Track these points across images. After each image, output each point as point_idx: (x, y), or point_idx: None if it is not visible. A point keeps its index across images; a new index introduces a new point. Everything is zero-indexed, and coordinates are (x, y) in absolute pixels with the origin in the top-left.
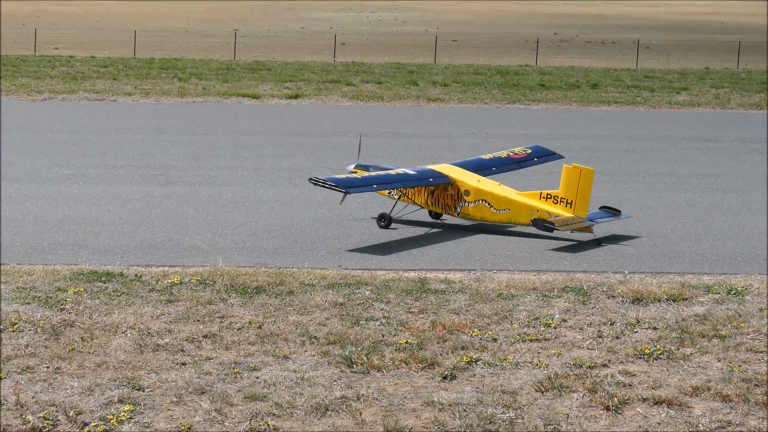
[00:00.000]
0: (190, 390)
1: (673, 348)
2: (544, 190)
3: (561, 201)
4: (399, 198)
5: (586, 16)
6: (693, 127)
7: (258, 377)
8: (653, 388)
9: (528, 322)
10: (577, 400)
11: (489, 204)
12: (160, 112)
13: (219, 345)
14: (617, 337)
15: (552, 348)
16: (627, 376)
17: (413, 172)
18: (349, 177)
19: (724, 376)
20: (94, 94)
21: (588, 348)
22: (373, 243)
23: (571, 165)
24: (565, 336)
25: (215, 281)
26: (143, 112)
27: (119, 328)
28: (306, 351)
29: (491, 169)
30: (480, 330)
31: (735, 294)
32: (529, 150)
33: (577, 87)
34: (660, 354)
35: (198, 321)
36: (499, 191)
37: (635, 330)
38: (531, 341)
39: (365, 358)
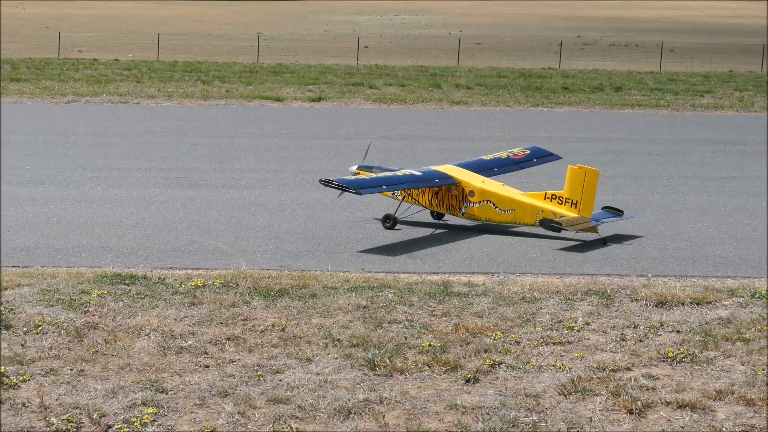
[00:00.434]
0: (213, 392)
1: (697, 351)
2: (548, 190)
3: (566, 201)
4: (403, 199)
5: (609, 18)
6: (716, 130)
7: (281, 380)
8: (677, 391)
9: (551, 325)
10: (601, 403)
11: (494, 204)
12: (183, 114)
13: (242, 347)
14: (641, 341)
15: (575, 351)
16: (650, 379)
17: (419, 173)
18: (359, 178)
19: (747, 379)
20: (117, 96)
21: (611, 351)
22: (397, 246)
23: (576, 166)
24: (589, 339)
25: (238, 284)
26: (166, 114)
27: (143, 330)
28: (329, 354)
29: (493, 170)
30: (503, 333)
31: (759, 297)
32: (528, 151)
33: (601, 90)
34: (683, 357)
35: (221, 323)
36: (504, 192)
37: (659, 333)
38: (554, 344)
39: (388, 360)
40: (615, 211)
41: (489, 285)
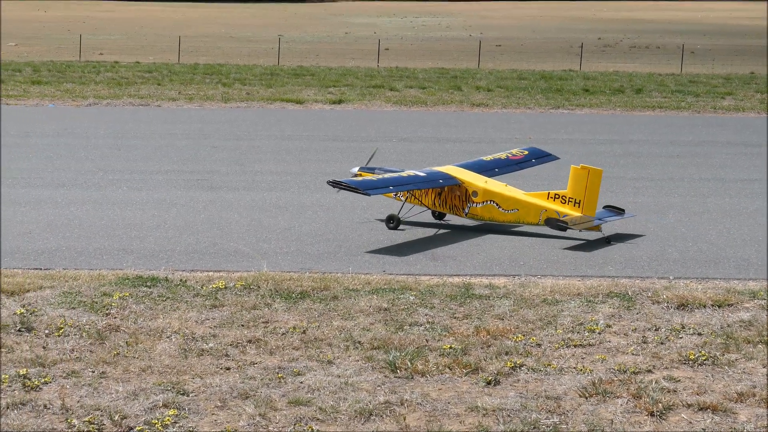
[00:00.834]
0: (234, 395)
1: (718, 354)
2: (551, 190)
3: (569, 201)
4: (406, 199)
5: (630, 20)
6: (738, 132)
7: (302, 382)
8: (698, 394)
9: (572, 327)
10: (622, 405)
11: (497, 204)
12: (204, 117)
13: (263, 350)
14: (662, 343)
15: (596, 353)
16: (672, 382)
17: (423, 173)
18: (367, 179)
19: None
20: (138, 99)
21: (632, 354)
22: (418, 248)
23: (579, 165)
24: (610, 341)
25: (260, 286)
26: (187, 117)
27: (164, 332)
28: (350, 356)
29: (494, 170)
30: (524, 335)
31: None
32: (526, 151)
33: (622, 92)
34: (705, 360)
35: (242, 326)
36: (507, 192)
37: (680, 336)
38: (575, 347)
39: (409, 363)
40: (616, 210)
41: (510, 287)
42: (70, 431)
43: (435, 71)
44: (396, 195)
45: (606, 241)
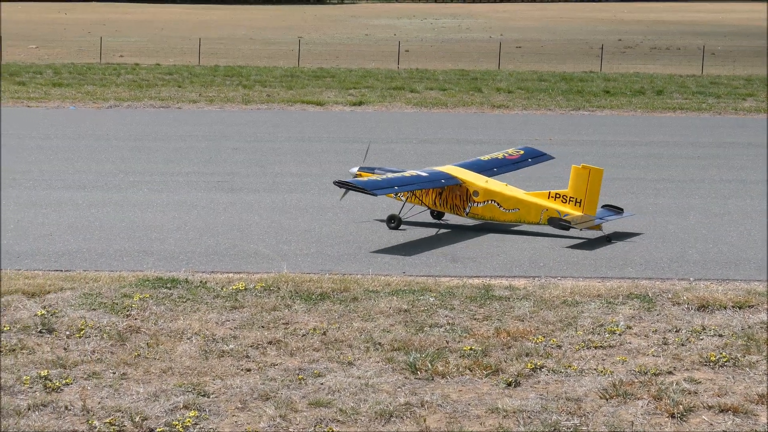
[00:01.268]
0: (254, 396)
1: (739, 355)
2: (552, 189)
3: (570, 200)
4: (407, 199)
5: (651, 22)
6: (759, 134)
7: (322, 383)
8: (719, 395)
9: (593, 328)
10: (642, 407)
11: (498, 204)
12: (224, 119)
13: (283, 351)
14: (682, 345)
15: (617, 355)
16: (692, 383)
17: (425, 173)
18: (373, 180)
19: None
20: (159, 101)
21: (653, 355)
22: (437, 249)
23: (581, 165)
24: (630, 343)
25: (280, 288)
26: (208, 119)
27: (184, 334)
28: (370, 357)
29: (493, 170)
30: (544, 337)
31: None
32: (522, 151)
33: (642, 93)
34: (726, 361)
35: (263, 327)
36: (508, 191)
37: (701, 337)
38: (595, 348)
39: (429, 364)
40: (615, 209)
41: (530, 289)
42: None
43: (455, 73)
44: (396, 195)
45: (607, 240)
